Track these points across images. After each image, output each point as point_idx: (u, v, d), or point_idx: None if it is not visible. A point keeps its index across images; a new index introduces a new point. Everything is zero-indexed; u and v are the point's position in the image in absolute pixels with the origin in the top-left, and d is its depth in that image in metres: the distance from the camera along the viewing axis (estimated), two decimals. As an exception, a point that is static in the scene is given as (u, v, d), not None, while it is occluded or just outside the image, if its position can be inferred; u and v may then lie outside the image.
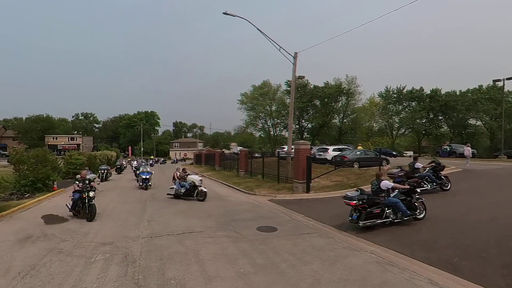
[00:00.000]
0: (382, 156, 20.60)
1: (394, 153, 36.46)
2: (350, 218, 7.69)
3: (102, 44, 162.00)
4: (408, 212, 7.77)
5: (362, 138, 54.12)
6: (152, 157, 62.89)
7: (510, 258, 5.37)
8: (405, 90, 50.21)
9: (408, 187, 8.29)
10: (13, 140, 72.23)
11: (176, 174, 14.25)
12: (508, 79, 29.51)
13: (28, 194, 13.63)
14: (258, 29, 16.67)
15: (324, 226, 8.17)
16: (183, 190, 13.09)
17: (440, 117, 49.83)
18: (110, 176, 22.16)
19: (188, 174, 14.05)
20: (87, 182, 9.93)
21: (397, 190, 8.15)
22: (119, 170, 29.84)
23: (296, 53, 17.49)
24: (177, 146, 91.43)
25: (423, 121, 49.19)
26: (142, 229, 8.06)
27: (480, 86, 50.02)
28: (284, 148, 25.27)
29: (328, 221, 8.59)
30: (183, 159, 67.34)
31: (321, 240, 6.95)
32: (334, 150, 23.36)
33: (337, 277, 4.87)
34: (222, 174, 25.60)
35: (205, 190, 13.00)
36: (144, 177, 16.86)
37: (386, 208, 7.67)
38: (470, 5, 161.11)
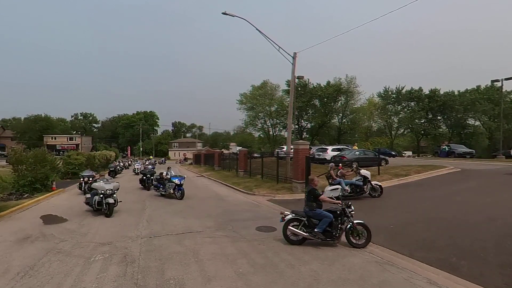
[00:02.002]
0: (381, 156, 20.62)
1: (393, 153, 36.59)
2: None
3: (102, 44, 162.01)
4: None
5: (361, 138, 54.15)
6: (151, 157, 62.35)
7: None
8: (404, 90, 50.35)
9: None
10: (11, 140, 72.10)
11: (332, 173, 11.44)
12: (506, 79, 29.54)
13: (26, 194, 13.59)
14: (257, 29, 16.68)
15: (323, 226, 8.16)
16: (349, 189, 11.04)
17: (438, 117, 50.01)
18: None
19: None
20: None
21: None
22: (113, 173, 25.26)
23: (295, 53, 17.51)
24: (176, 146, 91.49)
25: (422, 121, 49.36)
26: (141, 229, 8.05)
27: (478, 86, 50.17)
28: (283, 148, 25.26)
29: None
30: (185, 159, 65.76)
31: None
32: (333, 150, 23.43)
33: (336, 276, 4.88)
34: (221, 174, 25.59)
35: (379, 183, 11.46)
36: (178, 182, 13.34)
37: None
38: (470, 5, 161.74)
